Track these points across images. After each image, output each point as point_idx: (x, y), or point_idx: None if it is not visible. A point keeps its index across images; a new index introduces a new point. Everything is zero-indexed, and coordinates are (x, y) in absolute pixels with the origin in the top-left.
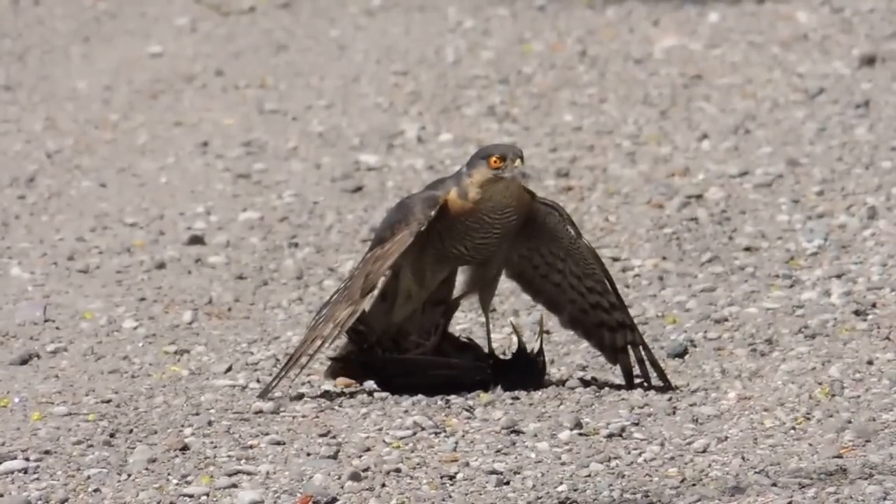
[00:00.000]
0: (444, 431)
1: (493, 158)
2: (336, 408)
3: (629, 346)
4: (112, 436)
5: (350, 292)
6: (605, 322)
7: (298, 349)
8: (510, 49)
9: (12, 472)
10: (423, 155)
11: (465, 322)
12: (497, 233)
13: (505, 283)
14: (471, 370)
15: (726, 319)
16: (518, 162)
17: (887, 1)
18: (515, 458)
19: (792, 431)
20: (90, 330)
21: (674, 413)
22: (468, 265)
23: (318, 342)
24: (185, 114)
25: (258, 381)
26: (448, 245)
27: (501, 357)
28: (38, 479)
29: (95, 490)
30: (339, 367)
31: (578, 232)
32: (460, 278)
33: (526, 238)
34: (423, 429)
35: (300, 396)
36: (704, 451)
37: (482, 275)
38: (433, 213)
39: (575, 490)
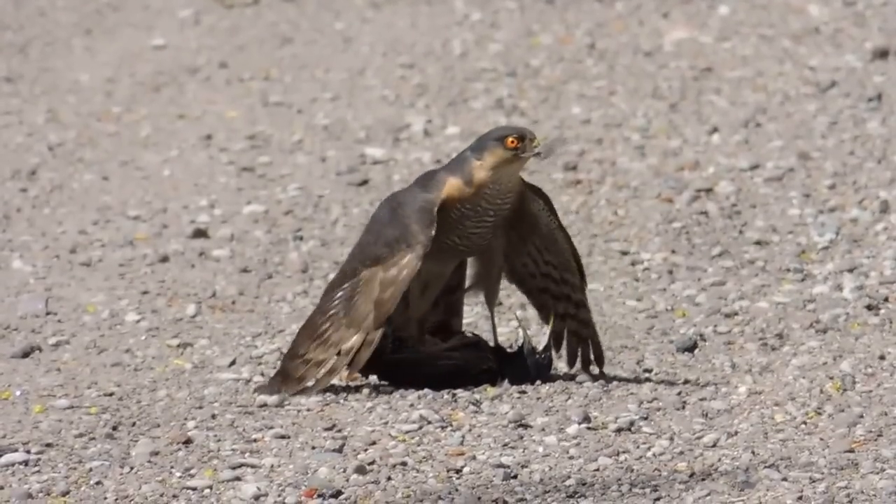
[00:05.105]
0: (451, 425)
1: (511, 139)
2: (341, 401)
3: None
4: (114, 429)
5: (354, 317)
6: (569, 314)
7: (297, 369)
8: (518, 42)
9: (13, 465)
10: (430, 148)
11: (470, 316)
12: (490, 221)
13: None
14: (475, 359)
15: (736, 314)
16: (536, 142)
17: None
18: (523, 451)
19: (803, 426)
20: (92, 323)
21: (683, 407)
22: (467, 257)
23: (323, 371)
24: (189, 106)
25: (262, 374)
26: (441, 236)
27: (508, 350)
28: (39, 471)
29: (97, 483)
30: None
31: (559, 223)
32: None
33: (516, 232)
34: (429, 423)
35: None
36: (714, 446)
37: (484, 271)
38: (433, 231)
39: (583, 484)
